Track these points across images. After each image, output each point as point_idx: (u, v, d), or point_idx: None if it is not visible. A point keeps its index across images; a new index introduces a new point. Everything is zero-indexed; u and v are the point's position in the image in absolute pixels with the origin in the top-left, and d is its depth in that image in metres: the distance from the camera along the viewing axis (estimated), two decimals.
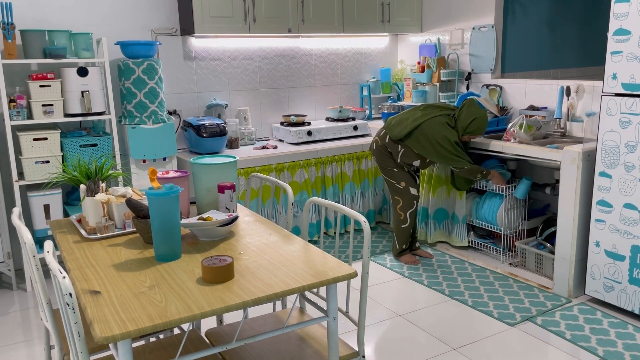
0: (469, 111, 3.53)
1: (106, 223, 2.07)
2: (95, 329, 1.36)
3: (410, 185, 3.73)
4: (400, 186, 3.74)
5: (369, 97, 4.88)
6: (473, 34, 4.39)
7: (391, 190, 3.81)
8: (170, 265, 1.77)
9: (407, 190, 3.73)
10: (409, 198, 3.74)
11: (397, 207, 3.78)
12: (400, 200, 3.76)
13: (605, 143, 2.99)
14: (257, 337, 1.66)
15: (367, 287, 1.88)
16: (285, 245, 1.94)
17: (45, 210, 3.51)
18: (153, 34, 4.03)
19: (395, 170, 3.73)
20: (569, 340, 2.78)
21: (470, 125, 3.51)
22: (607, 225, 3.03)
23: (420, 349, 2.76)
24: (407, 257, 3.84)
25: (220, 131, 3.92)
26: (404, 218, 3.77)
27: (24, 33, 3.37)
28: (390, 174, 3.76)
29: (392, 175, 3.75)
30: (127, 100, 3.68)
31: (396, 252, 3.88)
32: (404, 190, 3.73)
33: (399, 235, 3.83)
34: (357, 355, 1.91)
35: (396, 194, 3.78)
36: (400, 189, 3.74)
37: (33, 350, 2.82)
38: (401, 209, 3.76)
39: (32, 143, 3.40)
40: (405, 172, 3.74)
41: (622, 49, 2.87)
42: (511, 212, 3.71)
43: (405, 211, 3.76)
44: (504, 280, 3.51)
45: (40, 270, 1.75)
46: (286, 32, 4.19)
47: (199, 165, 2.23)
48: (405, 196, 3.74)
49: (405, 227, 3.80)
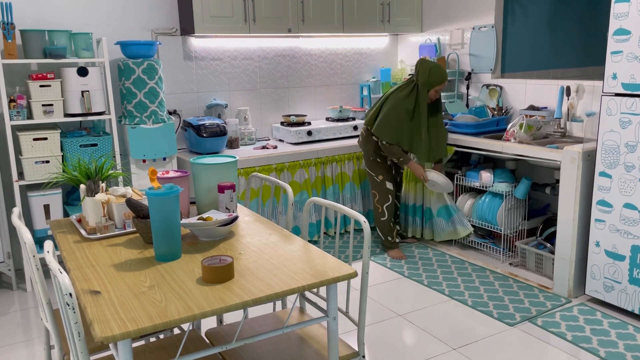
0: (423, 67, 3.67)
1: (106, 223, 2.07)
2: (95, 329, 1.36)
3: (387, 179, 3.85)
4: (377, 179, 3.85)
5: (369, 97, 4.88)
6: (473, 34, 4.39)
7: (370, 184, 3.96)
8: (170, 265, 1.77)
9: (383, 184, 3.85)
10: (385, 192, 3.85)
11: (375, 201, 3.92)
12: (376, 194, 3.89)
13: (605, 143, 2.99)
14: (257, 337, 1.66)
15: (367, 287, 1.88)
16: (285, 245, 1.94)
17: (45, 210, 3.51)
18: (153, 34, 4.03)
19: (378, 161, 3.84)
20: (570, 341, 2.78)
21: (429, 77, 3.62)
22: (607, 225, 3.03)
23: (420, 349, 2.76)
24: (394, 252, 3.93)
25: (220, 131, 3.92)
26: (382, 211, 3.89)
27: (24, 33, 3.37)
28: (370, 165, 3.87)
29: (372, 167, 3.87)
30: (127, 100, 3.68)
31: (383, 243, 3.98)
32: (381, 183, 3.85)
33: (380, 227, 3.95)
34: (357, 355, 1.91)
35: (373, 188, 3.91)
36: (377, 182, 3.86)
37: (33, 350, 2.82)
38: (378, 202, 3.89)
39: (32, 143, 3.40)
40: (387, 164, 3.85)
41: (622, 49, 2.87)
42: (511, 212, 3.71)
43: (382, 204, 3.87)
44: (504, 280, 3.51)
45: (40, 270, 1.75)
46: (286, 32, 4.19)
47: (199, 165, 2.23)
48: (381, 190, 3.85)
49: (385, 220, 3.91)
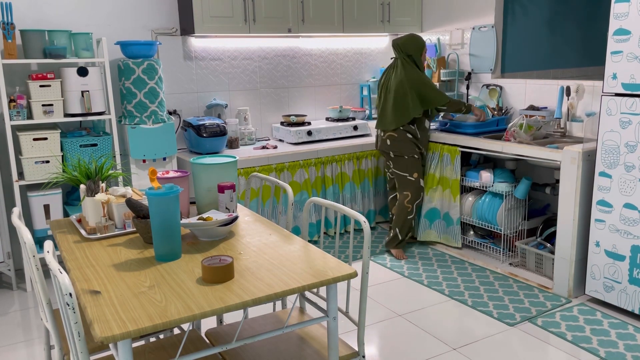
0: (404, 41, 3.74)
1: (106, 223, 2.07)
2: (95, 329, 1.36)
3: (421, 176, 3.87)
4: (412, 178, 3.84)
5: (369, 97, 4.88)
6: (473, 34, 4.39)
7: (401, 185, 3.88)
8: (170, 265, 1.77)
9: (417, 181, 3.85)
10: (418, 190, 3.86)
11: (405, 201, 3.86)
12: (409, 194, 3.85)
13: (605, 143, 2.99)
14: (257, 337, 1.66)
15: (367, 287, 1.87)
16: (285, 245, 1.94)
17: (45, 210, 3.51)
18: (153, 34, 4.03)
19: (415, 158, 3.82)
20: (570, 341, 2.78)
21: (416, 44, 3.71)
22: (607, 225, 3.03)
23: (420, 349, 2.76)
24: (398, 252, 3.91)
25: (220, 131, 3.92)
26: (411, 210, 3.88)
27: (24, 33, 3.37)
28: (405, 165, 3.83)
29: (407, 166, 3.83)
30: (127, 100, 3.68)
31: (395, 243, 3.93)
32: (415, 181, 3.84)
33: (402, 226, 3.90)
34: (357, 355, 1.91)
35: (405, 188, 3.86)
36: (411, 181, 3.84)
37: (33, 350, 2.82)
38: (409, 202, 3.86)
39: (32, 143, 3.40)
40: (417, 159, 3.83)
41: (622, 49, 2.87)
42: (511, 212, 3.71)
43: (412, 203, 3.87)
44: (503, 280, 3.51)
45: (40, 270, 1.75)
46: (286, 32, 4.19)
47: (199, 165, 2.23)
48: (414, 188, 3.85)
49: (410, 219, 3.90)
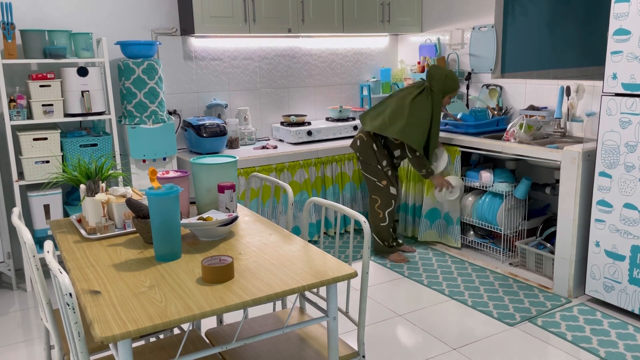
0: (438, 74, 3.62)
1: (106, 223, 2.07)
2: (95, 329, 1.36)
3: (391, 184, 3.75)
4: (381, 184, 3.76)
5: (369, 97, 4.88)
6: (473, 34, 4.39)
7: (370, 189, 3.82)
8: (170, 265, 1.77)
9: (387, 188, 3.75)
10: (388, 197, 3.76)
11: (375, 206, 3.79)
12: (378, 200, 3.78)
13: (605, 143, 2.99)
14: (257, 337, 1.66)
15: (367, 287, 1.87)
16: (285, 245, 1.94)
17: (45, 210, 3.51)
18: (153, 34, 4.03)
19: (379, 168, 3.74)
20: (570, 341, 2.78)
21: (445, 85, 3.59)
22: (607, 225, 3.03)
23: (420, 349, 2.76)
24: (395, 256, 3.87)
25: (220, 131, 3.92)
26: (383, 216, 3.79)
27: (24, 33, 3.37)
28: (373, 171, 3.76)
29: (375, 173, 3.76)
30: (127, 100, 3.68)
31: (381, 249, 3.88)
32: (384, 188, 3.76)
33: (379, 233, 3.84)
34: (357, 355, 1.91)
35: (375, 193, 3.79)
36: (380, 187, 3.76)
37: (33, 350, 2.82)
38: (379, 208, 3.78)
39: (32, 143, 3.40)
40: (381, 170, 3.74)
41: (622, 49, 2.87)
42: (511, 212, 3.71)
43: (383, 210, 3.78)
44: (503, 280, 3.51)
45: (40, 270, 1.75)
46: (286, 32, 4.19)
47: (199, 165, 2.23)
48: (383, 195, 3.76)
49: (385, 226, 3.81)
